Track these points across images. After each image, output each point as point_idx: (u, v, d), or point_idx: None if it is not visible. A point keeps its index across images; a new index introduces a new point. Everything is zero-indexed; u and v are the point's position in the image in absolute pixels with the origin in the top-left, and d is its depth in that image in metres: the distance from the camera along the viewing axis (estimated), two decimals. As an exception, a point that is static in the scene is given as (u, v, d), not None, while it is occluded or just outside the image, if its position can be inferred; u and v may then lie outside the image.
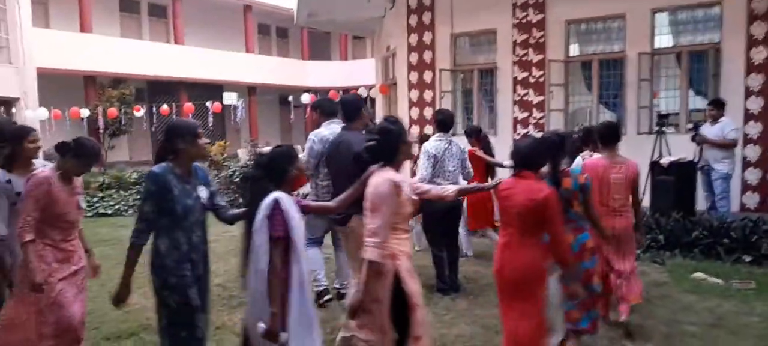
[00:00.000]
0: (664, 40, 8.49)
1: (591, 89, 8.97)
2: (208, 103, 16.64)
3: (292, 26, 27.64)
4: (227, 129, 22.62)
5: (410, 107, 10.41)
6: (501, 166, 6.03)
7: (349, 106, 4.23)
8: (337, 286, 4.98)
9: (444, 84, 9.96)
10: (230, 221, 2.99)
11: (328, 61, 27.99)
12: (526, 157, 3.05)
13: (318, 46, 28.24)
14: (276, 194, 2.54)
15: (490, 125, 9.68)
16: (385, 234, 2.67)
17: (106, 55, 18.31)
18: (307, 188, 4.86)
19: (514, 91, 9.26)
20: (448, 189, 3.56)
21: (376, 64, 13.72)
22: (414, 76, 10.38)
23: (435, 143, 5.01)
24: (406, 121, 10.42)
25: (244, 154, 15.34)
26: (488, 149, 6.46)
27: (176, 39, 21.57)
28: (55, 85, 16.17)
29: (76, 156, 3.13)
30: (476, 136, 6.50)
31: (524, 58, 9.12)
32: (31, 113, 13.48)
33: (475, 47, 10.12)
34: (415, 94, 10.35)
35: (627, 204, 3.96)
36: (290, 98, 19.04)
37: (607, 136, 3.97)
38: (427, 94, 10.20)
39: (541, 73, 9.01)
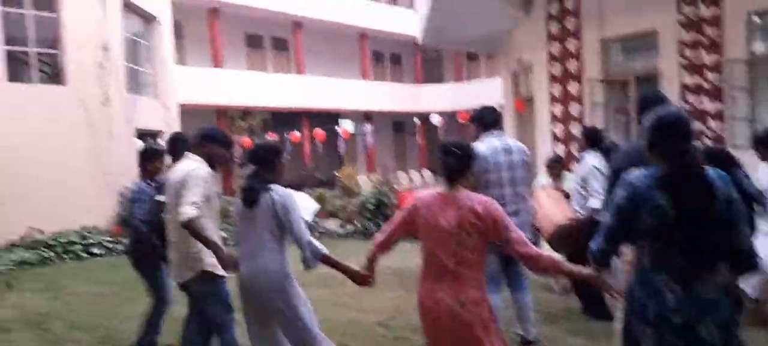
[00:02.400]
0: None
1: (782, 92, 7.57)
2: (338, 129, 16.82)
3: (404, 52, 27.70)
4: (344, 157, 22.85)
5: (552, 123, 9.53)
6: None
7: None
8: (522, 332, 4.25)
9: (594, 96, 8.99)
10: None
11: (440, 83, 27.59)
12: None
13: (430, 70, 27.97)
14: None
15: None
16: None
17: (235, 88, 19.25)
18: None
19: (683, 99, 8.07)
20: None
21: (503, 80, 12.96)
22: (556, 89, 9.51)
23: (600, 163, 4.57)
24: (548, 138, 9.60)
25: (365, 182, 15.04)
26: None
27: (298, 69, 22.28)
28: (188, 118, 17.14)
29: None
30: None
31: (695, 61, 7.94)
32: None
33: (629, 53, 9.06)
34: (558, 109, 9.47)
35: None
36: (416, 121, 18.74)
37: None
38: (574, 108, 9.27)
39: (716, 76, 7.77)
